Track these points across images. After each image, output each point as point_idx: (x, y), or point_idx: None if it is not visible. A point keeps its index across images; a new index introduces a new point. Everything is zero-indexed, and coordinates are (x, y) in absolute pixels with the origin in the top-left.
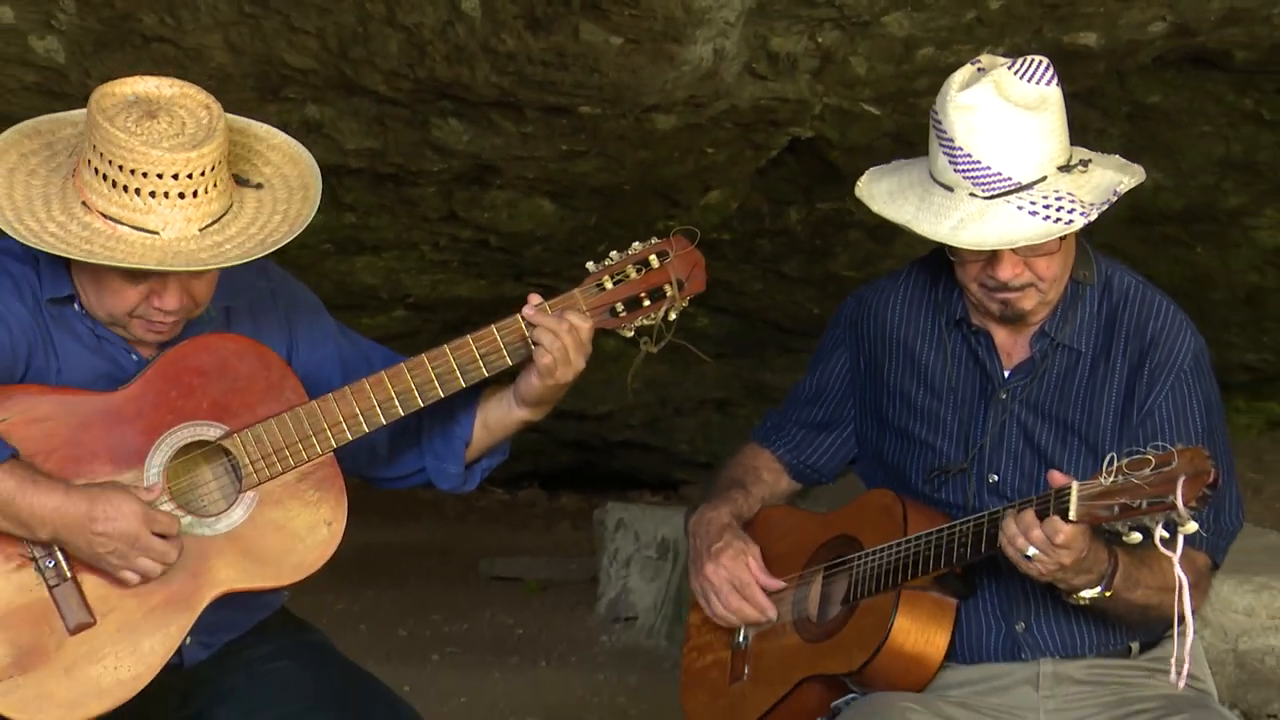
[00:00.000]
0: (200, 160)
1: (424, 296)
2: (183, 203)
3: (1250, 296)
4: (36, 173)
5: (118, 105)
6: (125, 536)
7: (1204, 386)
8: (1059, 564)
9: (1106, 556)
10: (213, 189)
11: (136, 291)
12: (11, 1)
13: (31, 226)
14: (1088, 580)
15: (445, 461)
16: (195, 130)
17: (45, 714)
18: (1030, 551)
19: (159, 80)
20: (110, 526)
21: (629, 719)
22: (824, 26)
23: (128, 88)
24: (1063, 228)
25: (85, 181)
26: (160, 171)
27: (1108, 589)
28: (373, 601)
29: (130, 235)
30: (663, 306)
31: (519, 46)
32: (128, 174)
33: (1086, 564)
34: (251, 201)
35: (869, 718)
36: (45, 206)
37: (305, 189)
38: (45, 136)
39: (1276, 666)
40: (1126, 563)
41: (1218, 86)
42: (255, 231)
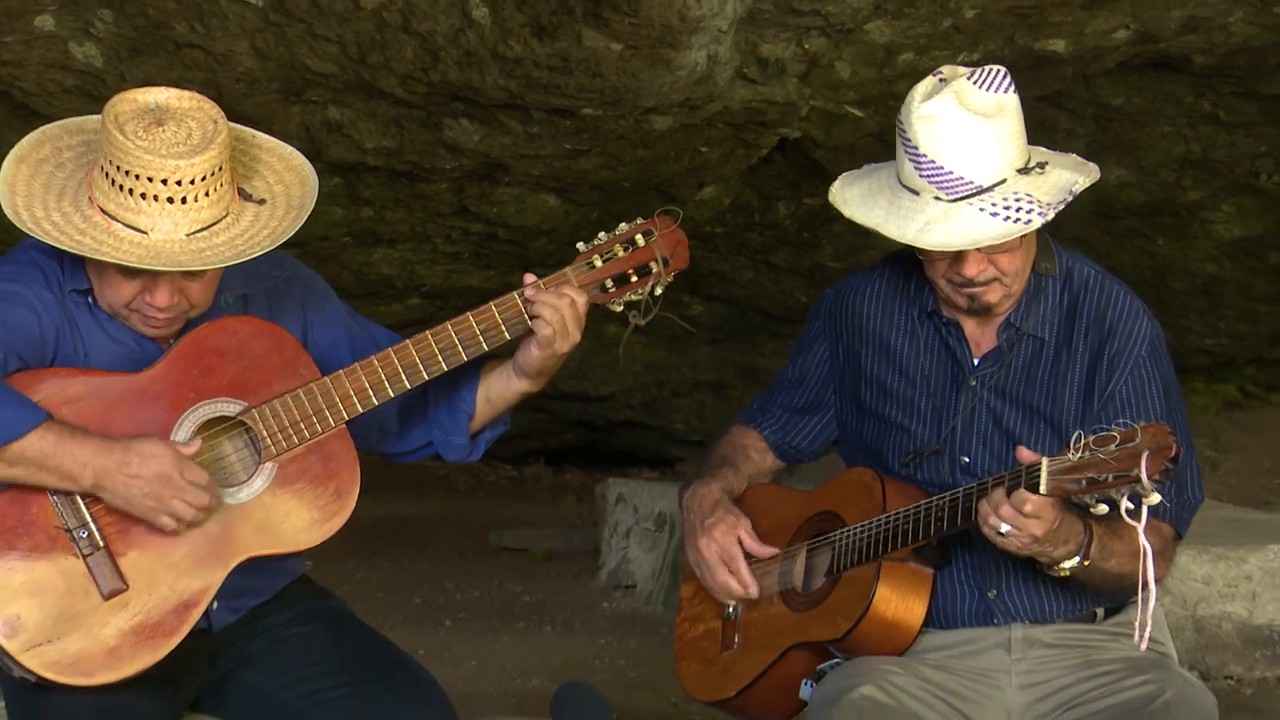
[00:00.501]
0: (191, 169)
1: (437, 286)
2: (171, 207)
3: (1207, 286)
4: (64, 166)
5: (130, 111)
6: (158, 478)
7: (1161, 369)
8: (1031, 535)
9: (1082, 528)
10: (204, 198)
11: (131, 286)
12: (53, 10)
13: (36, 214)
14: (1067, 551)
15: (451, 434)
16: (200, 140)
17: (83, 676)
18: (1004, 528)
19: (179, 92)
20: (144, 469)
21: (628, 680)
22: (810, 34)
23: (145, 96)
24: (1022, 227)
25: (94, 179)
26: (152, 175)
27: (1086, 558)
28: (389, 571)
29: (121, 232)
30: (649, 282)
31: (526, 52)
32: (123, 174)
33: (1062, 535)
34: (249, 215)
35: (854, 679)
36: (57, 198)
37: (301, 209)
38: (87, 134)
39: (1232, 631)
40: (1101, 533)
41: (1178, 89)
42: (241, 244)
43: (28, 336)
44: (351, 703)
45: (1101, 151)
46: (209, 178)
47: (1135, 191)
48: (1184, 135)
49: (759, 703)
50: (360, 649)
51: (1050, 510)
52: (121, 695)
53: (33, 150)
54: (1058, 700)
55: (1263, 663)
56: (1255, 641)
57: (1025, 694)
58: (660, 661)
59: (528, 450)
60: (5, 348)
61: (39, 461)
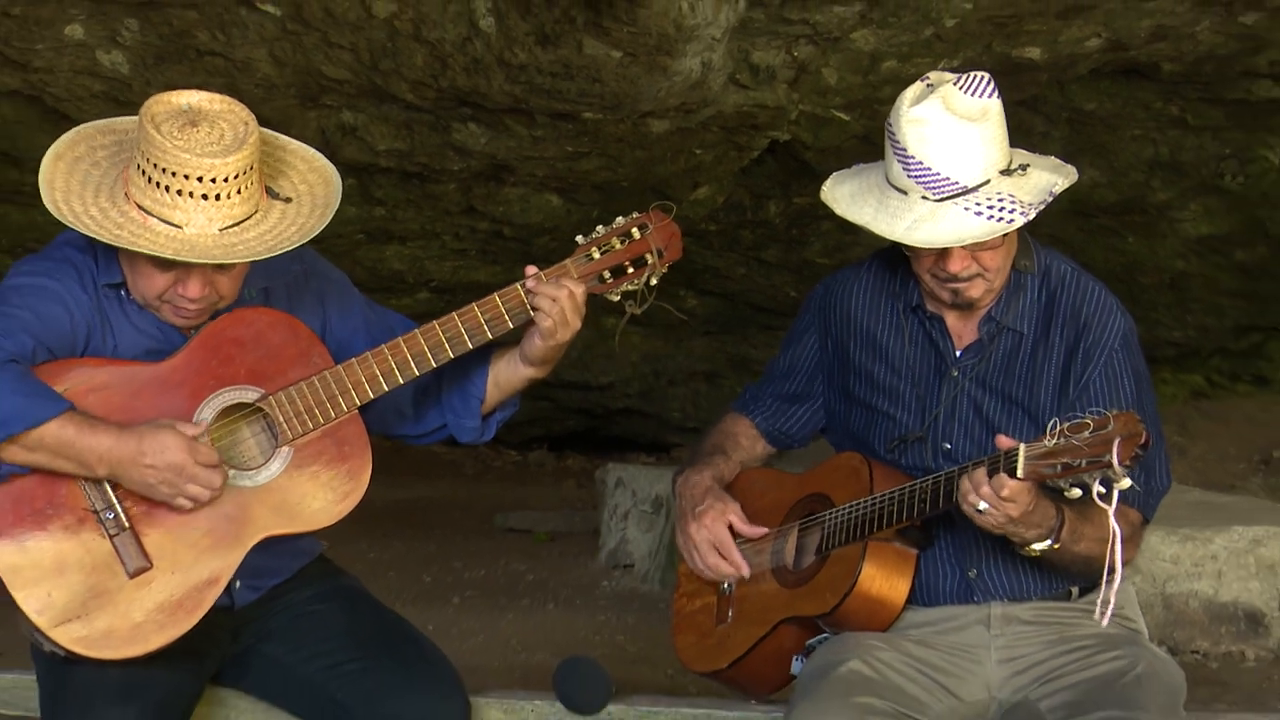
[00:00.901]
0: (225, 168)
1: (446, 281)
2: (205, 203)
3: (1175, 281)
4: (99, 164)
5: (166, 113)
6: (173, 467)
7: (1133, 361)
8: (1007, 516)
9: (1054, 513)
10: (236, 195)
11: (164, 278)
12: (82, 20)
13: (75, 209)
14: (1038, 534)
15: (463, 417)
16: (232, 140)
17: (111, 649)
18: (981, 506)
19: (211, 95)
20: (158, 459)
21: (627, 655)
22: (799, 42)
23: (180, 99)
24: (1005, 226)
25: (130, 176)
26: (188, 173)
27: (1056, 542)
28: (401, 551)
29: (157, 226)
30: (645, 273)
31: (530, 59)
32: (160, 171)
33: (1035, 519)
34: (277, 212)
35: (840, 654)
36: (95, 194)
37: (326, 207)
38: (119, 135)
39: (1199, 608)
40: (1072, 518)
41: (1147, 95)
42: (270, 239)
43: (58, 330)
44: (365, 676)
45: (1075, 153)
46: (240, 176)
47: (1107, 191)
48: (1153, 138)
49: (751, 674)
50: (374, 625)
51: (1025, 495)
52: (147, 668)
53: (69, 149)
54: (1035, 674)
55: (1228, 638)
56: (1221, 618)
57: (1004, 668)
58: (657, 636)
59: (531, 436)
60: (35, 339)
61: (57, 449)
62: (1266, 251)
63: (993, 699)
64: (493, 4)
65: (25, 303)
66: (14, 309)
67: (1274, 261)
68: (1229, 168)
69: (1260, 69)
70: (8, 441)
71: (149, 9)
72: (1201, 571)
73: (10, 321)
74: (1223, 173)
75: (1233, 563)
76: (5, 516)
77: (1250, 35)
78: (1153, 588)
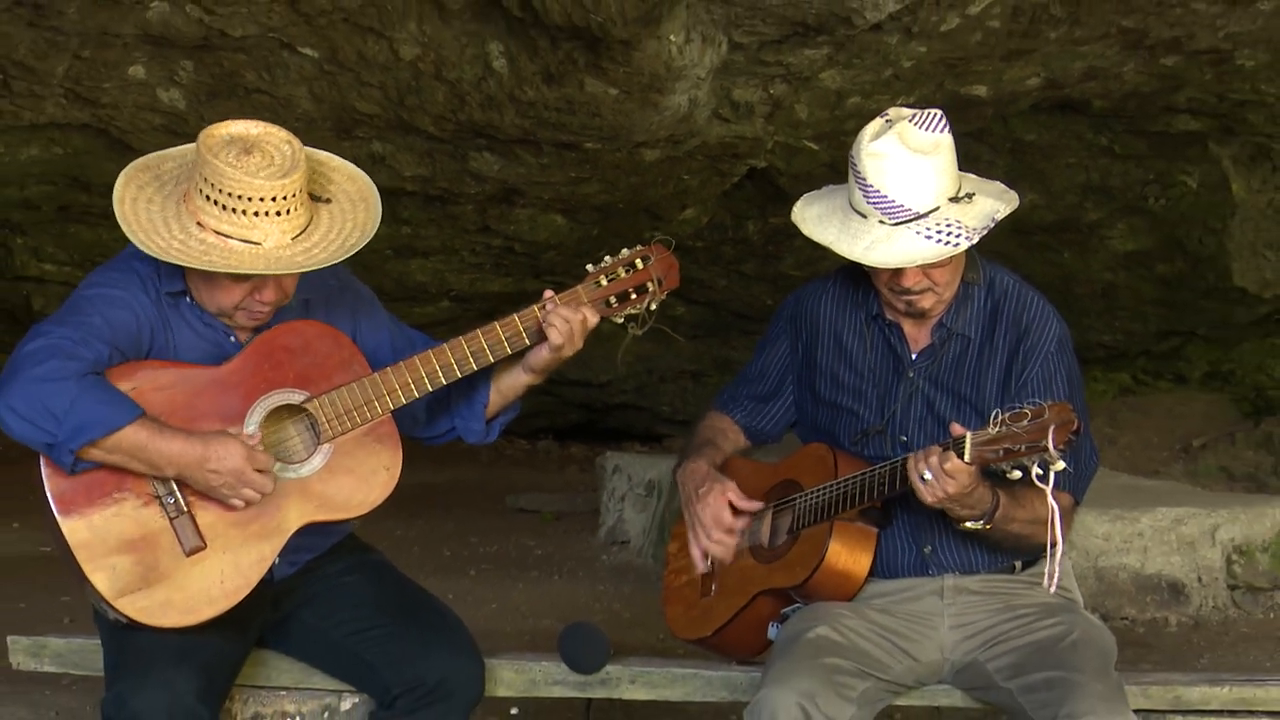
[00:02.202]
0: (290, 185)
1: (464, 291)
2: (278, 219)
3: (1105, 291)
4: (153, 200)
5: (219, 144)
6: (233, 472)
7: (1067, 362)
8: (945, 492)
9: (990, 499)
10: (299, 207)
11: (242, 289)
12: (144, 62)
13: (160, 244)
14: (971, 514)
15: (469, 420)
16: (283, 162)
17: (167, 619)
18: (926, 475)
19: (248, 123)
20: (220, 465)
21: (623, 620)
22: (775, 81)
23: (225, 130)
24: (951, 249)
25: (198, 206)
26: (261, 196)
27: (987, 523)
28: (423, 529)
29: (239, 247)
30: (646, 299)
31: (537, 96)
32: (234, 199)
33: (971, 501)
34: (325, 214)
35: (811, 621)
36: (167, 228)
37: (365, 201)
38: (152, 170)
39: (1127, 580)
40: (1006, 503)
41: (1080, 127)
42: (335, 237)
43: (126, 334)
44: (391, 640)
45: (1016, 179)
46: (300, 190)
47: (1045, 212)
48: (1085, 165)
49: (732, 640)
50: (399, 595)
51: (966, 476)
52: (199, 634)
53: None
54: (983, 639)
55: (1152, 605)
56: (1146, 588)
57: (955, 633)
58: (650, 604)
59: (538, 428)
60: (108, 345)
61: (132, 452)
62: (1185, 265)
63: (945, 660)
64: (505, 48)
65: (97, 310)
66: (88, 317)
67: (1192, 274)
68: (1152, 191)
69: (1179, 105)
70: (89, 445)
71: (203, 52)
72: (1130, 547)
73: (86, 330)
74: (1146, 196)
75: (1157, 539)
76: (79, 499)
77: (1170, 75)
78: (1086, 561)
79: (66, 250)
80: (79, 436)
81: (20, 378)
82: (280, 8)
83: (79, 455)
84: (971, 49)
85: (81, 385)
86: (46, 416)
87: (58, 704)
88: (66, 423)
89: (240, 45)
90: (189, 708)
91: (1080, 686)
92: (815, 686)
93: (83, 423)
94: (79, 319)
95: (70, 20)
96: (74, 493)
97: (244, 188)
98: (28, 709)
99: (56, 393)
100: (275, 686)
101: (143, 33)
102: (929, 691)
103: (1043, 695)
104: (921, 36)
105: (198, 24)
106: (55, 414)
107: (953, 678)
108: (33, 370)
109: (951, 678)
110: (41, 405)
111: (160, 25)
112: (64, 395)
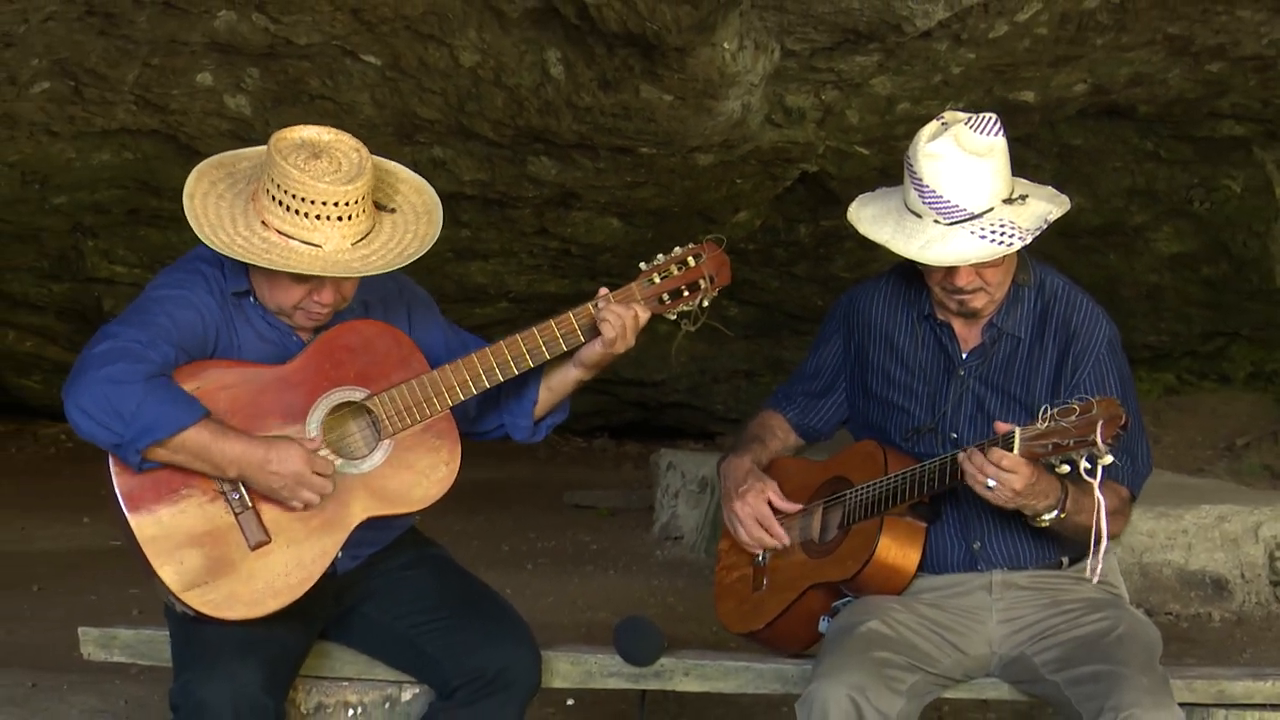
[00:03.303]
0: (354, 192)
1: (522, 292)
2: (340, 224)
3: (1150, 293)
4: (224, 196)
5: (289, 147)
6: (293, 475)
7: (1118, 364)
8: (1013, 490)
9: (1059, 486)
10: (361, 214)
11: (301, 290)
12: (211, 69)
13: (224, 240)
14: (1047, 505)
15: (518, 418)
16: (349, 169)
17: (234, 611)
18: (990, 484)
19: (319, 129)
20: (281, 468)
21: (676, 614)
22: (826, 87)
23: (297, 134)
24: (1005, 249)
25: (264, 205)
26: (324, 200)
27: (1062, 512)
28: (482, 524)
29: (300, 248)
30: (698, 296)
31: (594, 102)
32: (299, 201)
33: (1041, 490)
34: (388, 223)
35: (862, 615)
36: (233, 224)
37: (429, 213)
38: (227, 168)
39: (1171, 575)
40: (1074, 492)
41: (1126, 132)
42: (394, 245)
43: (192, 334)
44: (451, 632)
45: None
46: (364, 198)
47: (1092, 215)
48: (1131, 170)
49: (783, 634)
50: (459, 588)
51: (1025, 468)
52: (264, 627)
53: (196, 188)
54: (1030, 633)
55: (1196, 601)
56: (1190, 584)
57: (1003, 627)
58: (703, 599)
59: (594, 426)
60: (174, 346)
61: (196, 453)
62: (1229, 268)
63: (993, 654)
64: (562, 54)
65: (164, 310)
66: (155, 318)
67: (1235, 276)
68: (1197, 195)
69: (1223, 110)
70: (155, 445)
71: (268, 59)
72: (1174, 544)
73: (153, 332)
74: (1191, 199)
75: (1201, 536)
76: (147, 497)
77: (1215, 81)
78: (1131, 557)
79: (136, 252)
80: (145, 437)
81: (89, 378)
82: (343, 16)
83: (145, 455)
84: (1019, 55)
85: (148, 387)
86: (114, 417)
87: (126, 693)
88: (134, 424)
89: (305, 53)
90: (254, 698)
91: (1126, 680)
92: (866, 680)
93: (149, 424)
94: (146, 320)
95: (140, 29)
96: (142, 489)
97: (308, 190)
98: (98, 698)
99: (124, 394)
100: (338, 677)
101: (210, 41)
102: (977, 685)
103: (1089, 688)
104: (970, 43)
105: (263, 32)
106: (123, 415)
107: (1000, 671)
108: (101, 371)
109: (999, 671)
110: (109, 406)
111: (227, 34)
112: (131, 397)
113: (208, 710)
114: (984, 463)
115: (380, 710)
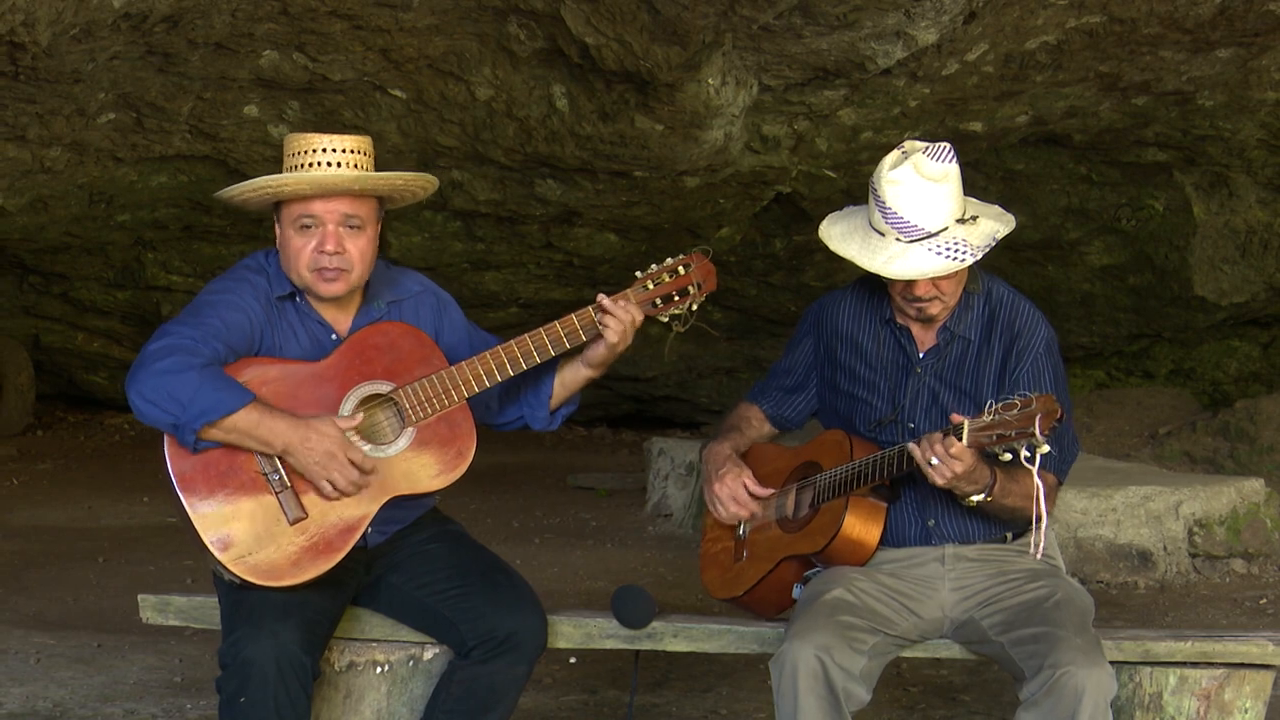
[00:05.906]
0: (345, 142)
1: (530, 298)
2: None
3: (1083, 299)
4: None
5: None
6: (326, 453)
7: (1054, 362)
8: (952, 472)
9: (989, 475)
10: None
11: (306, 243)
12: (257, 102)
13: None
14: (975, 489)
15: (536, 409)
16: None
17: (274, 579)
18: (934, 461)
19: None
20: (318, 444)
21: (667, 582)
22: (798, 118)
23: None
24: (958, 264)
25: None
26: (316, 148)
27: (989, 496)
28: (496, 503)
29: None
30: (688, 301)
31: (594, 131)
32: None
33: (974, 478)
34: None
35: (829, 584)
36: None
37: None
38: None
39: (1102, 548)
40: (1002, 480)
41: (1062, 158)
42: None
43: (241, 334)
44: (467, 598)
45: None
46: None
47: (1032, 232)
48: (1066, 191)
49: (761, 600)
50: (474, 560)
51: (968, 457)
52: (302, 593)
53: None
54: (978, 599)
55: (1124, 571)
56: (1119, 556)
57: (954, 594)
58: (690, 569)
59: (594, 417)
60: (224, 344)
61: (246, 431)
62: (1152, 278)
63: (946, 618)
64: (566, 89)
65: (216, 313)
66: (206, 319)
67: (1158, 285)
68: (1124, 214)
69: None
70: (209, 426)
71: (307, 93)
72: (1104, 520)
73: (205, 330)
74: (1119, 218)
75: (1128, 514)
76: (197, 477)
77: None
78: (1067, 532)
79: (190, 264)
80: (201, 418)
81: (149, 369)
82: (374, 56)
83: (200, 435)
84: (969, 90)
85: (203, 375)
86: (172, 402)
87: (181, 652)
88: (190, 407)
89: (339, 88)
90: (293, 655)
91: (1063, 640)
92: (831, 641)
93: (204, 407)
94: (199, 320)
95: (194, 67)
96: (194, 472)
97: (305, 142)
98: (155, 656)
99: (181, 382)
100: (367, 639)
101: (256, 77)
102: (931, 645)
103: (1030, 648)
104: (925, 80)
105: (303, 70)
106: (180, 400)
107: (952, 633)
108: (160, 363)
109: (951, 633)
110: (168, 393)
111: (271, 71)
112: (188, 384)
113: (253, 666)
114: (928, 448)
115: (405, 668)
